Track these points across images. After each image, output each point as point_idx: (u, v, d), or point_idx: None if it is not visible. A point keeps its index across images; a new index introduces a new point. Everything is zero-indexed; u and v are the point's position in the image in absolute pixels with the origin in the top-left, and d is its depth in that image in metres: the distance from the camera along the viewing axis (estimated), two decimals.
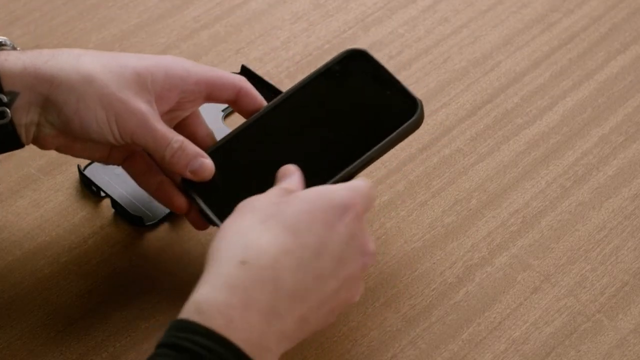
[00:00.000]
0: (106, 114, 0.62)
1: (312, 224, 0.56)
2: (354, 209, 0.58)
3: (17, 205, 0.73)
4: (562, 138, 0.79)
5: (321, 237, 0.56)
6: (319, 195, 0.58)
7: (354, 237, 0.58)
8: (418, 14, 0.87)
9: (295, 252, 0.55)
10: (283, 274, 0.55)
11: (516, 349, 0.66)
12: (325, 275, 0.56)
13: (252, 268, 0.54)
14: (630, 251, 0.72)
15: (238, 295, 0.53)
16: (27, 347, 0.65)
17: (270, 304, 0.54)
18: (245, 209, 0.58)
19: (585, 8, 0.88)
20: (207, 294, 0.54)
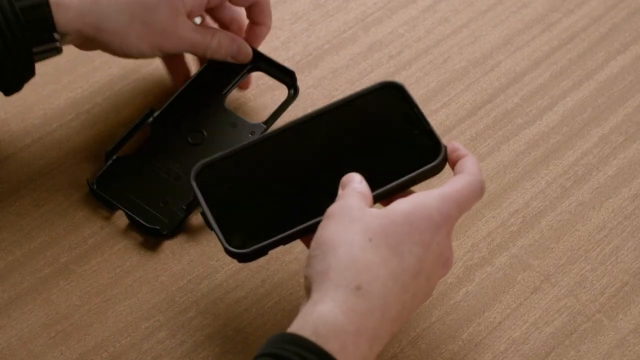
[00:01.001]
0: (150, 48, 0.71)
1: (412, 246, 0.57)
2: (446, 226, 0.59)
3: (17, 205, 0.73)
4: (562, 138, 0.79)
5: (420, 259, 0.57)
6: (417, 213, 0.58)
7: (443, 253, 0.59)
8: (418, 14, 0.87)
9: (400, 276, 0.56)
10: (390, 301, 0.56)
11: (516, 349, 0.66)
12: (419, 294, 0.58)
13: (365, 294, 0.55)
14: (630, 251, 0.72)
15: (354, 322, 0.54)
16: (27, 347, 0.65)
17: (376, 329, 0.55)
18: (345, 217, 0.58)
19: (585, 8, 0.88)
20: (326, 316, 0.54)
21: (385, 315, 0.55)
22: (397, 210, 0.58)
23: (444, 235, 0.59)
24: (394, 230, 0.57)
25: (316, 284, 0.56)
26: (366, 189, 0.61)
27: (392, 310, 0.56)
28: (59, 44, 0.68)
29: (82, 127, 0.77)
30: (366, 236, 0.57)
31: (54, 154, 0.75)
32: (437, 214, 0.58)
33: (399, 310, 0.57)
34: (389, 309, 0.56)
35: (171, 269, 0.69)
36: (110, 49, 0.71)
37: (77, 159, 0.75)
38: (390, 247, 0.56)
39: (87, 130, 0.77)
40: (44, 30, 0.67)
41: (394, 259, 0.56)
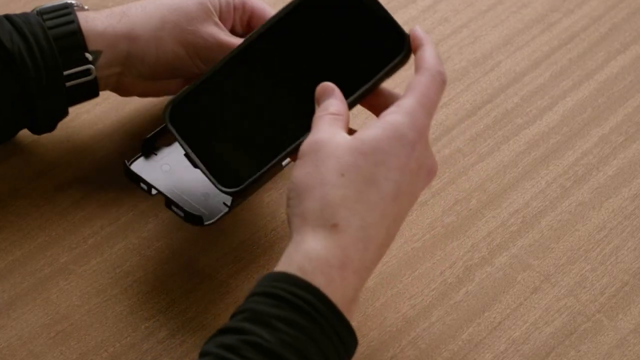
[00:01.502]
0: (185, 49, 0.70)
1: (388, 172, 0.57)
2: (422, 139, 0.59)
3: (17, 205, 0.73)
4: (562, 138, 0.79)
5: (397, 182, 0.57)
6: (388, 137, 0.57)
7: (422, 165, 0.59)
8: (418, 14, 0.87)
9: (377, 205, 0.57)
10: (371, 232, 0.56)
11: (516, 349, 0.66)
12: (402, 215, 0.59)
13: (345, 230, 0.56)
14: (630, 251, 0.72)
15: (336, 256, 0.55)
16: (27, 347, 0.65)
17: (362, 260, 0.56)
18: (317, 157, 0.58)
19: (585, 8, 0.88)
20: (308, 254, 0.55)
21: (368, 246, 0.56)
22: (367, 139, 0.57)
23: (421, 149, 0.58)
24: (366, 161, 0.57)
25: (296, 226, 0.57)
26: (339, 106, 0.60)
27: (376, 239, 0.57)
28: (92, 66, 0.67)
29: (82, 127, 0.77)
30: (338, 172, 0.57)
31: (54, 154, 0.75)
32: (409, 131, 0.58)
33: (384, 236, 0.57)
34: (372, 239, 0.56)
35: (171, 269, 0.69)
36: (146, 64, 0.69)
37: (78, 159, 0.75)
38: (364, 178, 0.57)
39: (87, 130, 0.77)
40: (73, 49, 0.66)
41: (370, 190, 0.56)
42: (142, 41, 0.68)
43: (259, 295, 0.54)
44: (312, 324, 0.52)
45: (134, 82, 0.71)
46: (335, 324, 0.53)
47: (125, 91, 0.73)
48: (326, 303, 0.53)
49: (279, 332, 0.52)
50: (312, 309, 0.53)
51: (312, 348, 0.52)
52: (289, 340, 0.51)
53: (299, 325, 0.52)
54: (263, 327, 0.52)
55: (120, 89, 0.72)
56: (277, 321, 0.52)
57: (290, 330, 0.52)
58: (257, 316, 0.52)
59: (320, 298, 0.53)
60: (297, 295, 0.53)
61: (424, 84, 0.60)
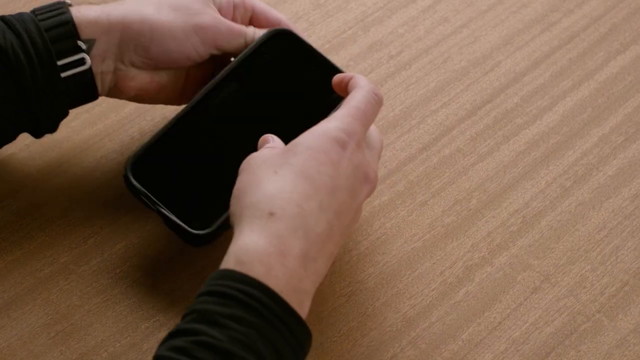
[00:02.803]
0: (182, 28, 0.67)
1: (320, 166, 0.59)
2: (352, 140, 0.60)
3: (17, 205, 0.73)
4: (562, 138, 0.79)
5: (331, 176, 0.59)
6: (317, 138, 0.60)
7: (358, 166, 0.60)
8: (418, 14, 0.87)
9: (314, 196, 0.58)
10: (309, 220, 0.57)
11: (516, 349, 0.66)
12: (344, 210, 0.59)
13: (281, 218, 0.56)
14: (630, 251, 0.72)
15: (274, 244, 0.56)
16: (27, 347, 0.65)
17: (304, 249, 0.56)
18: (251, 165, 0.60)
19: (585, 8, 0.88)
20: (245, 245, 0.56)
21: (309, 233, 0.57)
22: (296, 142, 0.60)
23: (353, 151, 0.60)
24: (297, 159, 0.59)
25: (235, 224, 0.58)
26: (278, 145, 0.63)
27: (317, 229, 0.57)
28: (86, 55, 0.66)
29: (82, 127, 0.77)
30: (272, 171, 0.59)
31: (54, 154, 0.75)
32: (338, 131, 0.60)
33: (326, 228, 0.58)
34: (312, 227, 0.57)
35: (171, 269, 0.69)
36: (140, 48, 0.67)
37: (78, 159, 0.75)
38: (296, 172, 0.58)
39: (87, 130, 0.77)
40: (66, 38, 0.65)
41: (304, 182, 0.58)
42: (136, 24, 0.67)
43: (205, 295, 0.54)
44: (259, 318, 0.53)
45: (129, 75, 0.68)
46: (280, 314, 0.54)
47: (123, 89, 0.69)
48: (269, 294, 0.54)
49: (227, 330, 0.52)
50: (257, 303, 0.53)
51: (261, 341, 0.53)
52: (238, 337, 0.52)
53: (246, 321, 0.53)
54: (212, 326, 0.52)
55: (118, 88, 0.69)
56: (225, 319, 0.53)
57: (238, 327, 0.52)
58: (206, 316, 0.53)
59: (264, 290, 0.54)
60: (242, 290, 0.54)
61: (356, 98, 0.63)
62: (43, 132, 0.69)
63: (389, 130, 0.78)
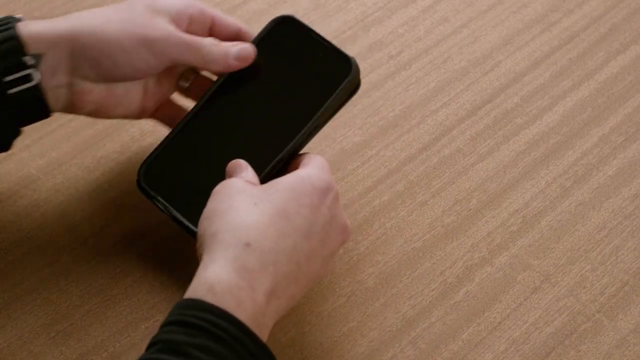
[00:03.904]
0: (130, 41, 0.64)
1: (300, 208, 0.59)
2: (333, 191, 0.61)
3: (17, 205, 0.73)
4: (562, 138, 0.79)
5: (309, 220, 0.59)
6: (300, 181, 0.60)
7: (335, 217, 0.61)
8: (418, 14, 0.87)
9: (290, 235, 0.58)
10: (281, 258, 0.57)
11: (516, 349, 0.66)
12: (314, 256, 0.60)
13: (256, 250, 0.56)
14: (630, 251, 0.72)
15: (246, 278, 0.56)
16: (27, 347, 0.65)
17: (271, 285, 0.56)
18: (230, 190, 0.60)
19: (585, 8, 0.88)
20: (218, 275, 0.55)
21: (278, 271, 0.57)
22: (280, 181, 0.61)
23: (332, 200, 0.61)
24: (278, 196, 0.59)
25: (207, 246, 0.58)
26: (254, 178, 0.63)
27: (286, 268, 0.57)
28: (32, 70, 0.62)
29: (82, 127, 0.77)
30: (251, 201, 0.59)
31: (54, 154, 0.75)
32: (319, 180, 0.61)
33: (295, 269, 0.58)
34: (282, 265, 0.57)
35: (171, 269, 0.69)
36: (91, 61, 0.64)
37: (78, 159, 0.75)
38: (276, 209, 0.58)
39: (87, 130, 0.77)
40: (11, 53, 0.62)
41: (282, 220, 0.58)
42: (85, 37, 0.64)
43: (172, 325, 0.54)
44: (227, 349, 0.53)
45: (85, 89, 0.65)
46: (249, 347, 0.54)
47: (79, 104, 0.66)
48: (239, 326, 0.54)
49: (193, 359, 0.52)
50: (225, 334, 0.53)
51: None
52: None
53: (213, 352, 0.52)
54: (179, 356, 0.52)
55: (73, 104, 0.66)
56: (193, 349, 0.52)
57: (206, 357, 0.52)
58: (173, 346, 0.53)
59: (233, 322, 0.54)
60: (210, 321, 0.53)
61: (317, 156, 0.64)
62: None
63: (389, 130, 0.78)
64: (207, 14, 0.69)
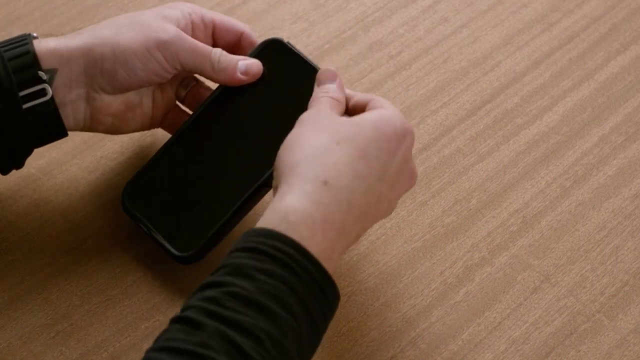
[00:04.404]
0: (144, 45, 0.66)
1: (379, 151, 0.60)
2: (410, 135, 0.63)
3: (17, 205, 0.73)
4: (562, 138, 0.79)
5: (385, 163, 0.60)
6: (384, 122, 0.61)
7: (407, 162, 0.63)
8: (418, 14, 0.87)
9: (366, 177, 0.59)
10: (355, 197, 0.59)
11: (516, 349, 0.66)
12: (382, 198, 0.61)
13: (332, 188, 0.58)
14: (630, 251, 0.72)
15: (321, 210, 0.57)
16: (27, 347, 0.65)
17: (342, 222, 0.58)
18: (315, 123, 0.61)
19: (585, 8, 0.88)
20: (294, 205, 0.57)
21: (351, 209, 0.58)
22: (365, 119, 0.61)
23: (407, 146, 0.62)
24: (361, 136, 0.60)
25: (285, 177, 0.59)
26: (339, 94, 0.64)
27: (358, 208, 0.59)
28: (47, 85, 0.64)
29: None
30: (334, 140, 0.60)
31: (54, 154, 0.75)
32: (401, 124, 0.62)
33: (364, 210, 0.59)
34: (354, 204, 0.59)
35: (171, 269, 0.69)
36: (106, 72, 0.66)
37: (78, 159, 0.75)
38: (357, 150, 0.60)
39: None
40: (26, 68, 0.63)
41: (361, 161, 0.59)
42: (97, 49, 0.65)
43: (239, 251, 0.55)
44: (291, 274, 0.54)
45: (104, 103, 0.67)
46: (314, 274, 0.55)
47: (99, 118, 0.68)
48: (305, 254, 0.55)
49: (258, 282, 0.53)
50: (291, 260, 0.54)
51: (291, 296, 0.53)
52: (269, 289, 0.53)
53: (278, 275, 0.54)
54: (243, 278, 0.53)
55: (93, 118, 0.67)
56: (257, 272, 0.53)
57: (270, 280, 0.53)
58: (238, 269, 0.54)
59: (300, 250, 0.55)
60: (277, 248, 0.54)
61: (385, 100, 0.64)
62: (9, 168, 0.67)
63: None
64: (207, 20, 0.70)
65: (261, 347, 0.51)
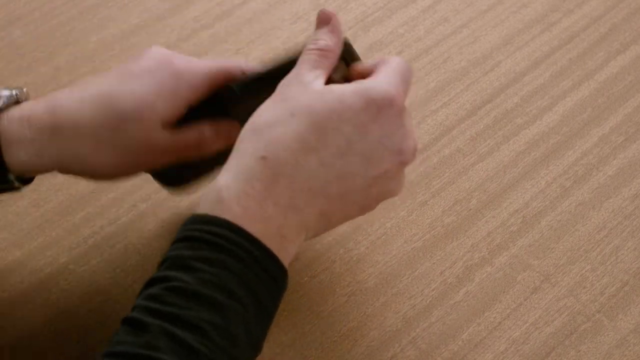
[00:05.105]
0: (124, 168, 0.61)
1: (341, 123, 0.56)
2: (394, 106, 0.57)
3: (17, 205, 0.73)
4: (562, 138, 0.79)
5: (348, 138, 0.56)
6: (356, 94, 0.57)
7: (390, 135, 0.57)
8: (418, 14, 0.87)
9: (318, 151, 0.56)
10: (301, 171, 0.55)
11: (516, 349, 0.66)
12: (351, 174, 0.57)
13: (270, 163, 0.55)
14: (630, 251, 0.72)
15: (255, 187, 0.54)
16: (27, 347, 0.65)
17: (288, 197, 0.55)
18: (281, 94, 0.58)
19: (585, 8, 0.88)
20: (228, 184, 0.55)
21: (296, 183, 0.55)
22: (334, 90, 0.57)
23: (389, 117, 0.57)
24: (321, 107, 0.56)
25: (230, 156, 0.57)
26: (329, 41, 0.60)
27: (306, 183, 0.55)
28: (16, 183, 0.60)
29: None
30: (289, 112, 0.56)
31: None
32: (379, 94, 0.57)
33: (321, 186, 0.56)
34: (301, 180, 0.55)
35: None
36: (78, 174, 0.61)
37: None
38: (311, 122, 0.56)
39: None
40: None
41: (314, 134, 0.56)
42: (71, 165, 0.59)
43: (178, 242, 0.54)
44: (230, 256, 0.52)
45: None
46: (254, 253, 0.53)
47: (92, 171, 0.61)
48: (242, 234, 0.53)
49: (198, 272, 0.52)
50: (227, 243, 0.53)
51: (232, 280, 0.52)
52: (209, 278, 0.52)
53: (216, 261, 0.52)
54: (183, 270, 0.52)
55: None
56: (195, 261, 0.52)
57: (209, 268, 0.52)
58: (177, 261, 0.53)
59: (236, 230, 0.53)
60: (212, 232, 0.53)
61: (397, 63, 0.60)
62: None
63: None
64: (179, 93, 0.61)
65: (206, 339, 0.50)
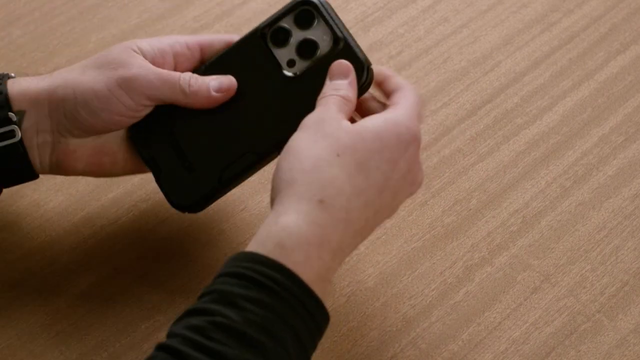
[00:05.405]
0: (105, 84, 0.63)
1: (380, 162, 0.58)
2: (416, 142, 0.60)
3: (17, 205, 0.73)
4: (562, 138, 0.79)
5: (386, 175, 0.59)
6: (388, 130, 0.59)
7: (411, 170, 0.61)
8: (418, 14, 0.87)
9: (364, 192, 0.58)
10: (353, 215, 0.57)
11: (516, 349, 0.66)
12: (383, 210, 0.60)
13: (328, 208, 0.56)
14: (630, 251, 0.72)
15: (317, 233, 0.55)
16: (27, 347, 0.65)
17: (339, 242, 0.57)
18: (318, 128, 0.59)
19: (585, 8, 0.88)
20: (290, 228, 0.55)
21: (348, 228, 0.57)
22: (369, 127, 0.59)
23: (412, 153, 0.60)
24: (363, 147, 0.58)
25: (281, 193, 0.57)
26: (350, 93, 0.61)
27: (356, 225, 0.57)
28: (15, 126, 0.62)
29: None
30: (335, 152, 0.58)
31: None
32: (406, 130, 0.60)
33: (363, 225, 0.58)
34: (352, 222, 0.57)
35: (171, 269, 0.69)
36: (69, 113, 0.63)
37: None
38: (357, 163, 0.58)
39: None
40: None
41: (360, 175, 0.58)
42: (60, 90, 0.63)
43: (226, 276, 0.54)
44: (279, 301, 0.53)
45: (69, 148, 0.64)
46: (304, 300, 0.54)
47: (68, 163, 0.65)
48: (293, 279, 0.54)
49: (245, 312, 0.52)
50: (278, 287, 0.53)
51: (279, 325, 0.52)
52: (256, 319, 0.52)
53: (265, 304, 0.52)
54: (230, 307, 0.52)
55: (61, 163, 0.65)
56: (244, 301, 0.52)
57: (257, 309, 0.52)
58: (224, 296, 0.53)
59: (291, 277, 0.54)
60: (264, 274, 0.53)
61: (413, 99, 0.62)
62: None
63: None
64: (193, 46, 0.67)
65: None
